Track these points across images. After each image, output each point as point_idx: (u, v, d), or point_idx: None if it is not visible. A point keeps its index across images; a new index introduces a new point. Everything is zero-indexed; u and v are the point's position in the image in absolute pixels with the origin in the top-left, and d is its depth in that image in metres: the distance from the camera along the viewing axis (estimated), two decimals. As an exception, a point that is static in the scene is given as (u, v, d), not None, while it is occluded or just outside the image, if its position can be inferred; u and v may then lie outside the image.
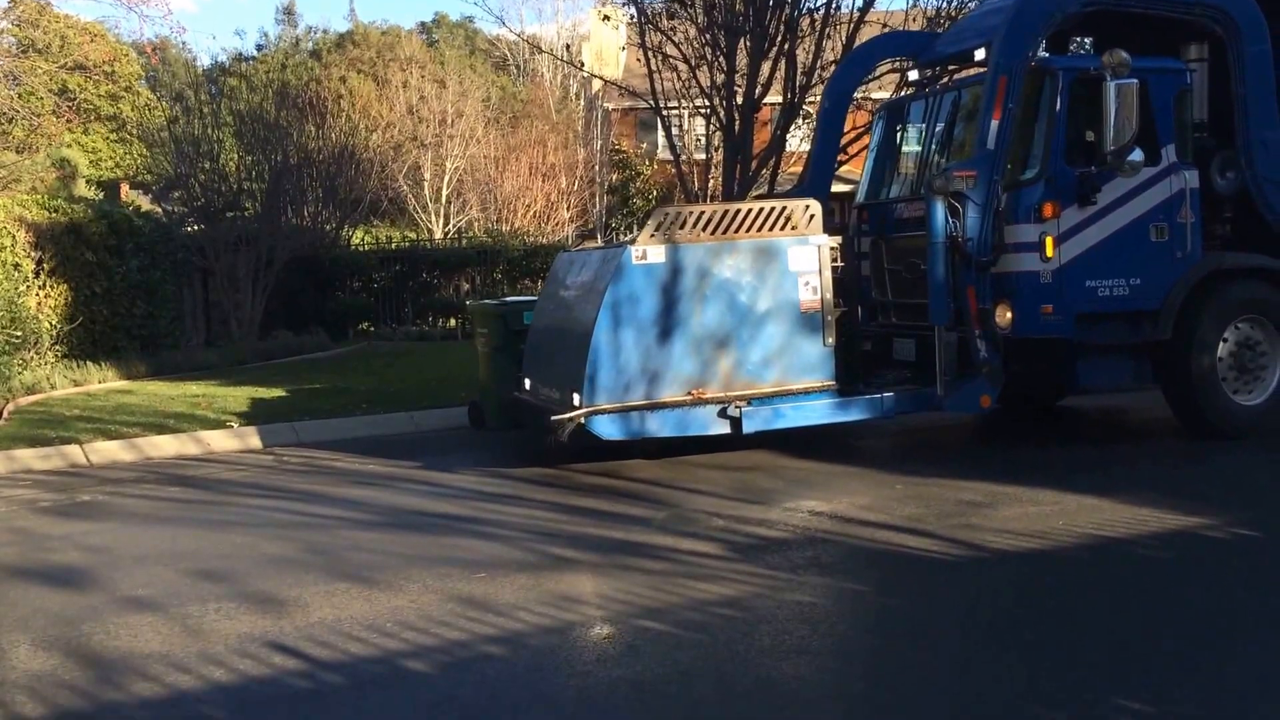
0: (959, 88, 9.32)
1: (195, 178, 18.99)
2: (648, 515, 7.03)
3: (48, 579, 6.10)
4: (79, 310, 14.88)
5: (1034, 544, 6.03)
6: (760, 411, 8.12)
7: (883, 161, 10.09)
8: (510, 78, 43.75)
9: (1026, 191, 8.42)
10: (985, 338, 8.25)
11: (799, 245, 8.33)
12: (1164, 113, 8.63)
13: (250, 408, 11.46)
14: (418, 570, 5.94)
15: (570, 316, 8.63)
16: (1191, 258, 8.65)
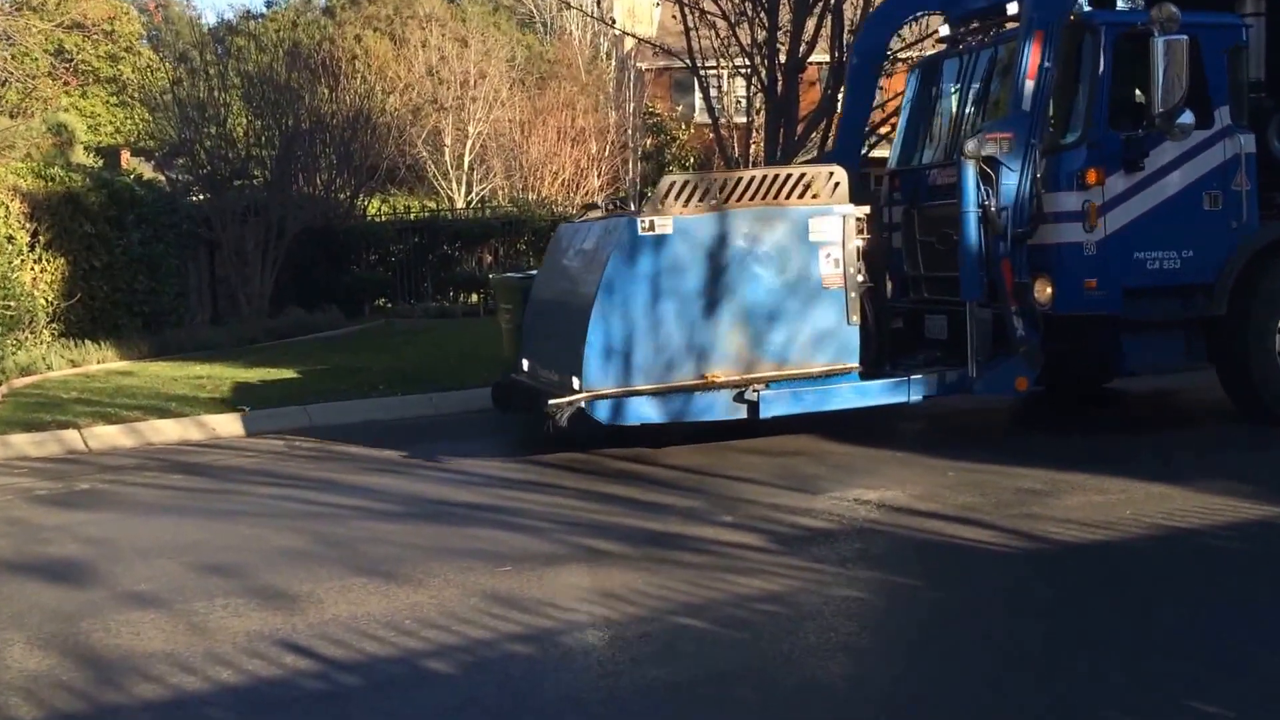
0: (996, 44, 9.20)
1: (201, 144, 19.11)
2: (685, 504, 7.02)
3: (44, 573, 6.16)
4: (77, 286, 15.04)
5: (1099, 535, 5.98)
6: (779, 395, 8.05)
7: (915, 124, 10.03)
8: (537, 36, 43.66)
9: (1068, 156, 8.34)
10: (1022, 315, 8.18)
11: (821, 215, 8.21)
12: (1217, 71, 8.54)
13: (259, 390, 11.54)
14: (439, 563, 5.96)
15: (570, 293, 8.59)
16: (1248, 227, 8.56)
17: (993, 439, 9.00)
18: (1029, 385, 8.27)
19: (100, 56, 32.93)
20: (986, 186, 8.12)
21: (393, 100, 27.78)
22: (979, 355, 8.25)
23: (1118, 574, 5.45)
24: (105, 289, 15.58)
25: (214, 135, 19.19)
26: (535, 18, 45.80)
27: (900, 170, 9.93)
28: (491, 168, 31.20)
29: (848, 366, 8.26)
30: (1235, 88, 8.62)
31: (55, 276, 14.85)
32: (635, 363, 7.96)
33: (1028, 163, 8.15)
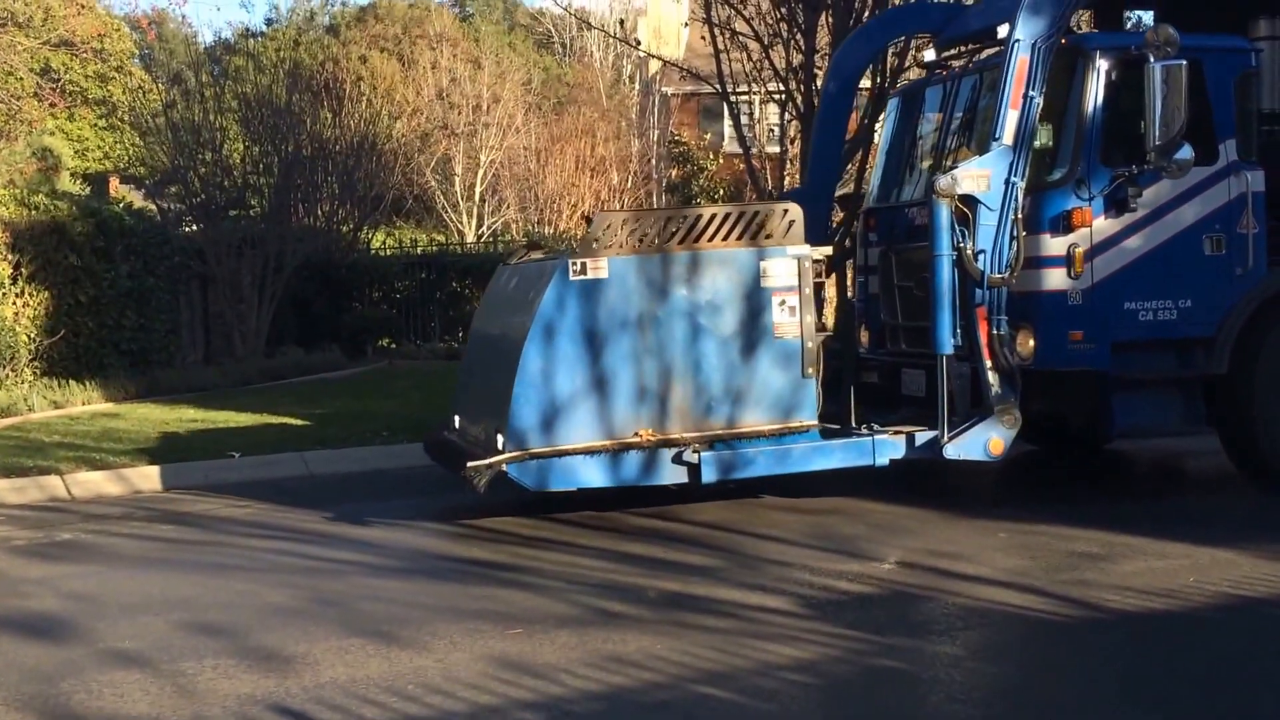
0: (980, 70, 9.02)
1: (195, 171, 19.36)
2: (709, 564, 7.06)
3: (23, 629, 6.23)
4: (61, 322, 15.23)
5: (1160, 604, 5.98)
6: (723, 457, 7.87)
7: (895, 157, 9.86)
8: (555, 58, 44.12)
9: (1052, 195, 8.21)
10: (998, 370, 7.97)
11: (774, 257, 8.05)
12: (1223, 101, 8.38)
13: (254, 435, 11.64)
14: (444, 624, 6.01)
15: (497, 342, 8.51)
16: (1254, 275, 8.38)
17: (1046, 496, 8.98)
18: (1005, 449, 7.97)
19: (89, 76, 33.45)
20: (962, 228, 7.96)
21: (400, 125, 28.10)
22: (953, 414, 8.02)
23: (1180, 647, 5.44)
24: (91, 325, 15.75)
25: (209, 162, 19.43)
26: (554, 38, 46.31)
27: (877, 208, 9.79)
28: (504, 199, 31.46)
29: (804, 424, 8.08)
30: (1243, 119, 8.46)
31: (38, 311, 15.04)
32: (565, 420, 7.80)
33: (1008, 202, 7.97)
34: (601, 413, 7.86)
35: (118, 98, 33.23)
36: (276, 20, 52.10)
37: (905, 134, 9.85)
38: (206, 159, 19.43)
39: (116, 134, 33.68)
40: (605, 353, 7.85)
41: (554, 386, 7.81)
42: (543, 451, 7.76)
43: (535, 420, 7.79)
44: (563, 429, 7.80)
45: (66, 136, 33.06)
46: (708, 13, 14.21)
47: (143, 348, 16.60)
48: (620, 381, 7.87)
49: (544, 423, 7.79)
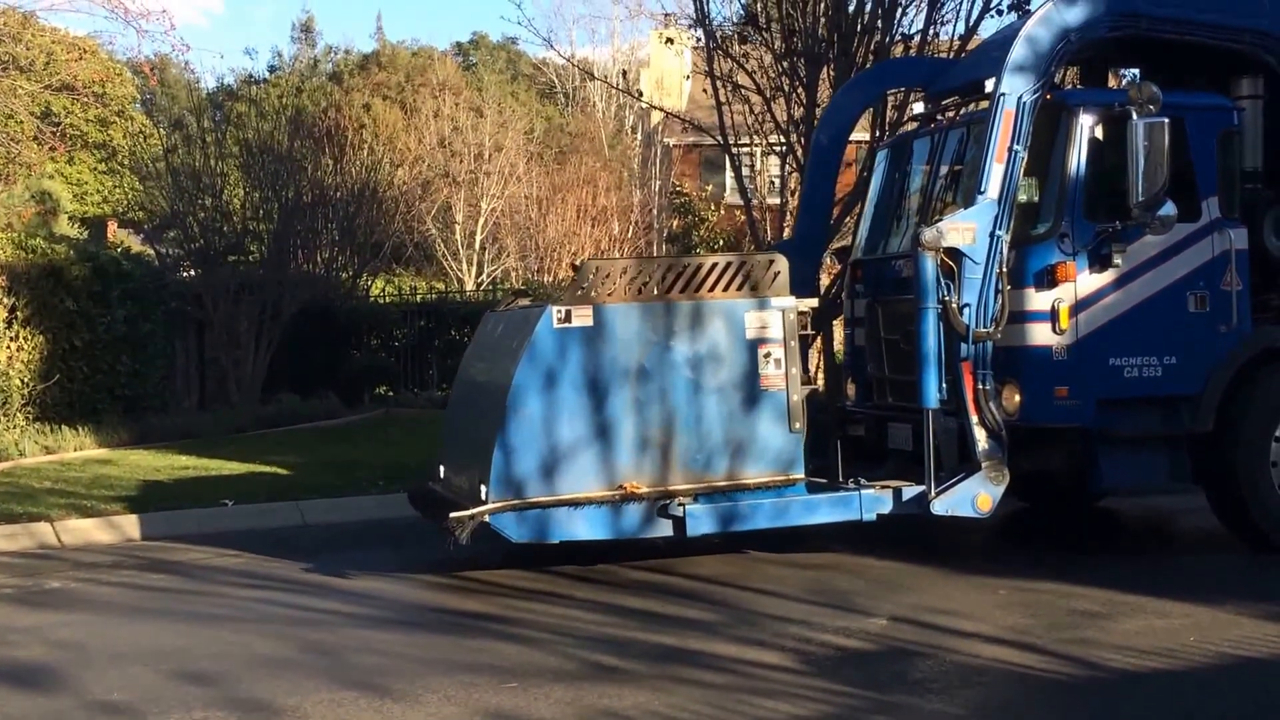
0: (968, 123, 9.04)
1: (194, 216, 19.44)
2: (706, 618, 7.05)
3: (9, 679, 6.22)
4: (55, 366, 15.24)
5: (1162, 663, 5.98)
6: (708, 510, 7.85)
7: (883, 209, 9.84)
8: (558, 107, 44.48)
9: (1037, 250, 8.24)
10: (984, 426, 7.95)
11: (759, 309, 8.08)
12: (1205, 158, 8.47)
13: (248, 483, 11.63)
14: (437, 677, 6.00)
15: (481, 391, 8.51)
16: (1239, 332, 8.42)
17: (1048, 553, 8.98)
18: (993, 505, 7.94)
19: (89, 121, 33.67)
20: (947, 281, 7.99)
21: (401, 173, 28.28)
22: (940, 469, 7.98)
23: (1180, 708, 5.43)
24: (85, 370, 15.78)
25: (209, 207, 19.51)
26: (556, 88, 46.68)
27: (864, 260, 9.76)
28: (505, 247, 31.59)
29: (790, 478, 8.06)
30: (1226, 177, 8.52)
31: (32, 355, 15.05)
32: (549, 471, 7.74)
33: (993, 255, 8.01)
34: (587, 464, 7.81)
35: (118, 142, 33.47)
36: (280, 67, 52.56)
37: (893, 186, 9.87)
38: (206, 204, 19.51)
39: (116, 178, 33.93)
40: (589, 402, 7.83)
41: (538, 436, 7.76)
42: (526, 503, 7.72)
43: (519, 471, 7.73)
44: (547, 480, 7.75)
45: (65, 180, 33.23)
46: (710, 66, 14.37)
47: (137, 393, 16.61)
48: (605, 432, 7.84)
49: (528, 473, 7.74)
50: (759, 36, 14.25)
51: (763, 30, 14.19)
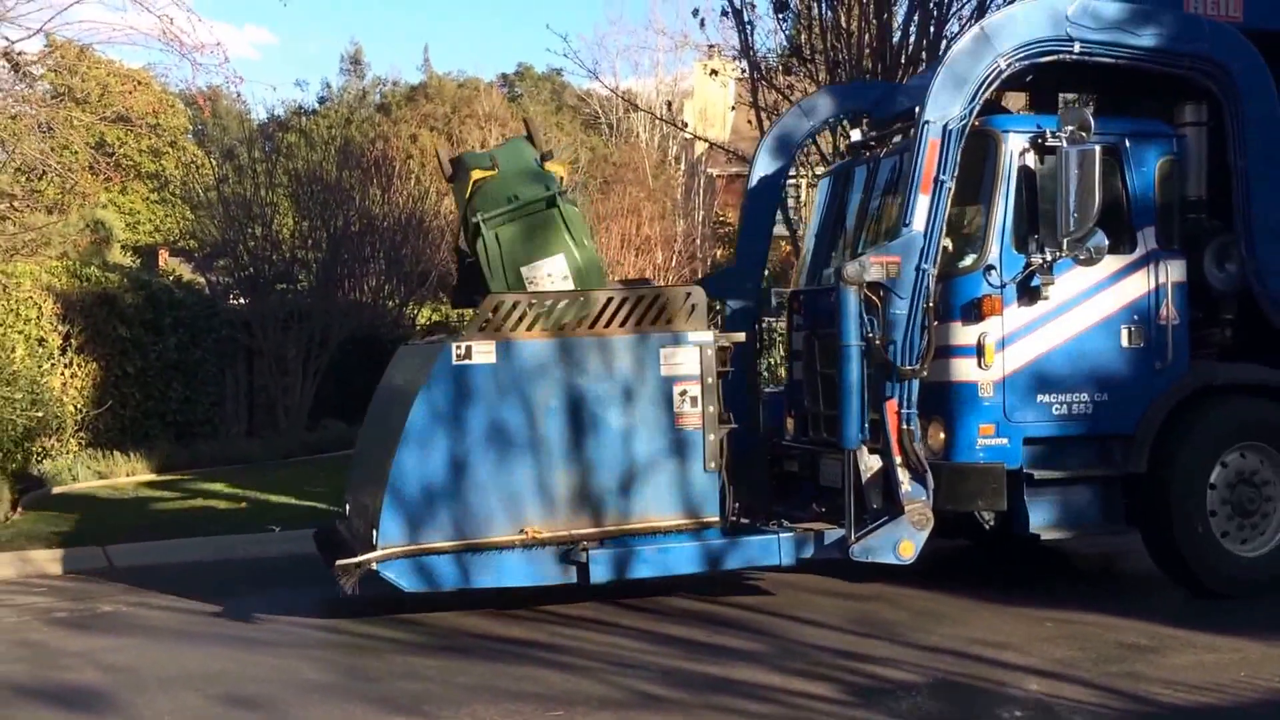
0: (900, 152, 8.59)
1: (244, 244, 19.65)
2: (750, 648, 7.03)
3: (60, 702, 6.30)
4: (108, 393, 15.45)
5: (1211, 698, 5.90)
6: (614, 555, 7.52)
7: (824, 239, 9.56)
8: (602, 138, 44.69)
9: (963, 282, 7.97)
10: (909, 466, 7.66)
11: (675, 345, 7.71)
12: (1143, 187, 8.16)
13: (296, 508, 11.73)
14: (482, 704, 6.01)
15: (379, 429, 8.15)
16: (1175, 369, 8.09)
17: (1095, 585, 8.90)
18: (915, 551, 7.60)
19: (143, 151, 34.18)
20: (872, 316, 7.73)
21: (447, 202, 28.43)
22: (862, 511, 7.69)
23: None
24: (137, 396, 16.00)
25: (258, 236, 19.71)
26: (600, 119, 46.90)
27: (803, 291, 9.48)
28: (550, 276, 31.68)
29: (704, 521, 7.69)
30: (1164, 206, 8.22)
31: (86, 382, 15.27)
32: (445, 515, 7.39)
33: (919, 289, 7.73)
34: (487, 507, 7.45)
35: (170, 172, 33.91)
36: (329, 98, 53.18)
37: (833, 215, 9.60)
38: (256, 233, 19.73)
39: (168, 207, 34.39)
40: (490, 443, 7.46)
41: (433, 478, 7.40)
42: (419, 549, 7.33)
43: (412, 514, 7.36)
44: (443, 525, 7.39)
45: (119, 209, 33.72)
46: (754, 97, 14.42)
47: (188, 419, 16.83)
48: (506, 474, 7.48)
49: (422, 517, 7.37)
50: (803, 68, 14.31)
51: (807, 62, 14.25)
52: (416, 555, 7.33)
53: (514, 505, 7.48)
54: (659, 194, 34.52)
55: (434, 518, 7.39)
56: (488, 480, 7.46)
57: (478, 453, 7.45)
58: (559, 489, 7.54)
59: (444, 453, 7.42)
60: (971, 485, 7.87)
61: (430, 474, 7.40)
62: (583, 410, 7.59)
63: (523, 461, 7.50)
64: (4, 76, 13.65)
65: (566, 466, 7.55)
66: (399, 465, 7.35)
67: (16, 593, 9.05)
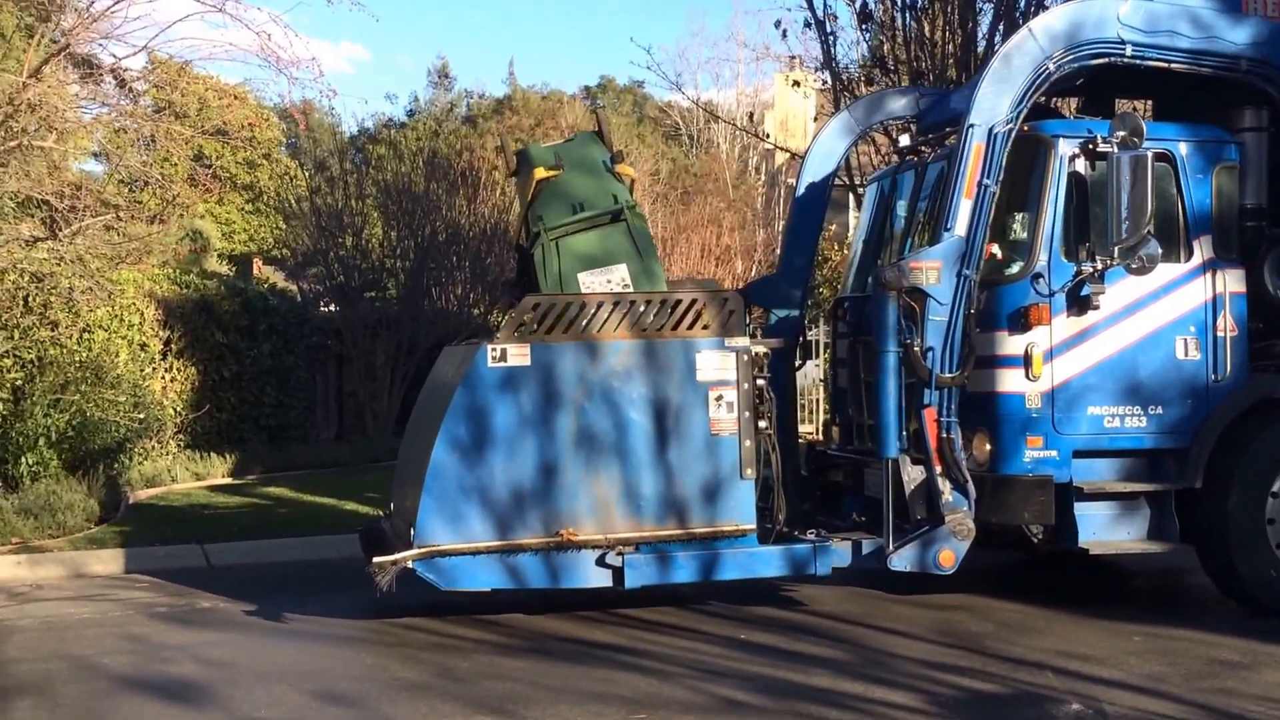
0: (947, 157, 8.35)
1: (334, 253, 19.99)
2: (832, 656, 6.97)
3: (163, 693, 6.42)
4: (205, 396, 15.76)
5: (1309, 717, 5.75)
6: (649, 560, 7.45)
7: (871, 246, 9.38)
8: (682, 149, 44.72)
9: (1009, 290, 7.76)
10: (949, 476, 7.51)
11: (710, 350, 7.60)
12: (1199, 195, 7.95)
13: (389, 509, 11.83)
14: (568, 706, 6.03)
15: (420, 430, 8.11)
16: (1232, 382, 7.84)
17: (1184, 599, 8.70)
18: (956, 562, 7.46)
19: (238, 163, 34.84)
20: (910, 322, 7.57)
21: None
22: (902, 521, 7.57)
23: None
24: (233, 400, 16.31)
25: (348, 245, 20.03)
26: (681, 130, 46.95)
27: (847, 298, 9.35)
28: (631, 285, 31.73)
29: (739, 528, 7.59)
30: (1222, 214, 7.99)
31: (184, 386, 15.60)
32: (480, 516, 7.36)
33: (960, 296, 7.55)
34: (521, 509, 7.40)
35: (264, 183, 34.54)
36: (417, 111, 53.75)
37: (879, 221, 9.43)
38: (346, 243, 20.04)
39: (262, 217, 35.02)
40: (526, 445, 7.42)
41: (468, 480, 7.37)
42: (455, 549, 7.31)
43: (447, 515, 7.34)
44: (478, 525, 7.36)
45: (215, 219, 34.37)
46: (836, 107, 14.28)
47: (280, 423, 17.10)
48: (541, 476, 7.42)
49: (457, 518, 7.34)
50: (886, 79, 14.15)
51: (890, 72, 14.09)
52: (452, 555, 7.34)
53: (549, 507, 7.44)
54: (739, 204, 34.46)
55: (469, 518, 7.38)
56: (522, 482, 7.43)
57: (512, 454, 7.42)
58: (594, 492, 7.49)
59: (479, 454, 7.41)
60: (1018, 498, 7.66)
61: (465, 475, 7.40)
62: (618, 415, 7.52)
63: (557, 464, 7.46)
64: (110, 92, 13.97)
65: (601, 470, 7.50)
66: (434, 466, 7.37)
67: (120, 588, 9.26)
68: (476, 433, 7.43)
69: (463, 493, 7.39)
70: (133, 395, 13.73)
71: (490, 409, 7.44)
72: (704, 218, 31.92)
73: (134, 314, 14.70)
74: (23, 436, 12.42)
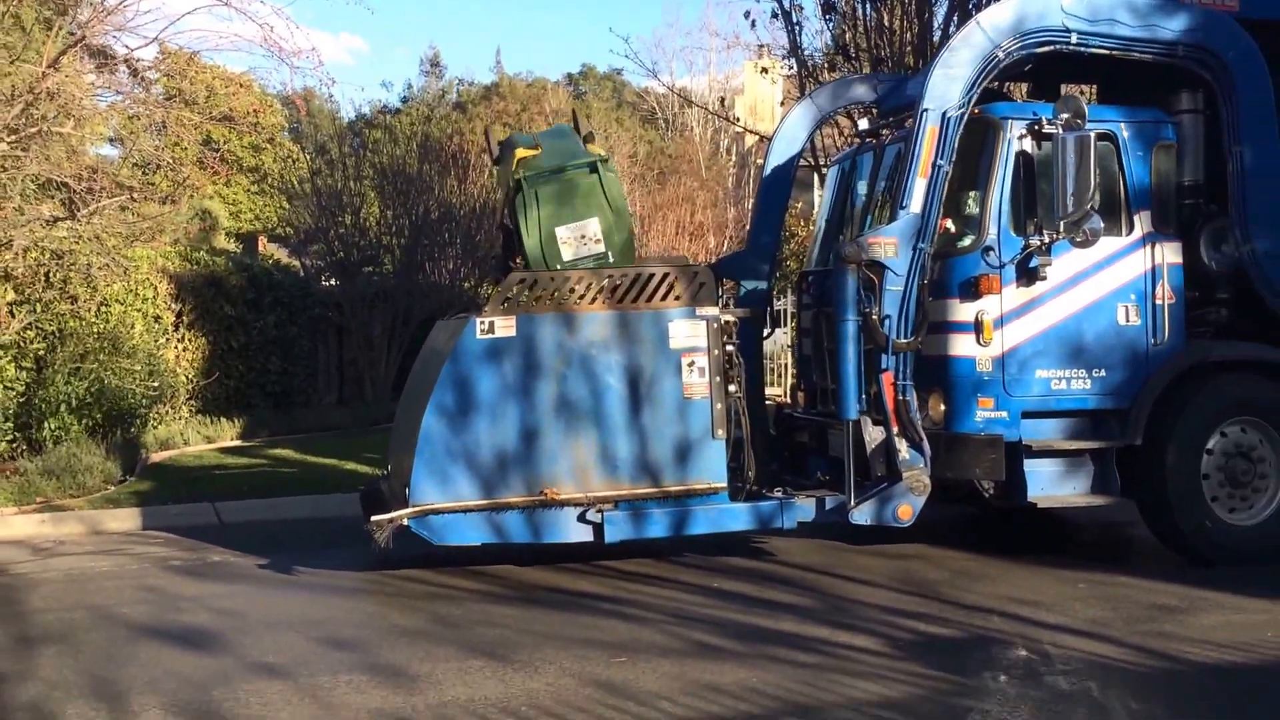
0: (904, 139, 8.32)
1: (334, 231, 19.85)
2: (799, 603, 6.97)
3: (180, 641, 6.38)
4: (215, 364, 15.66)
5: (1237, 657, 5.77)
6: (627, 517, 7.47)
7: (833, 223, 9.39)
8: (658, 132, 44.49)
9: (962, 262, 7.76)
10: (906, 436, 7.53)
11: (684, 319, 7.62)
12: (1139, 172, 7.97)
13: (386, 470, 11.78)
14: (554, 650, 6.01)
15: (414, 397, 8.14)
16: (1170, 347, 7.87)
17: (1125, 550, 8.73)
18: (913, 515, 7.49)
19: (244, 147, 34.51)
20: (870, 294, 7.56)
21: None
22: (863, 478, 7.59)
23: (1262, 700, 5.24)
24: (241, 368, 16.21)
25: (347, 224, 19.90)
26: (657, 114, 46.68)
27: (811, 272, 9.36)
28: (611, 260, 31.62)
29: (711, 486, 7.60)
30: (1160, 191, 8.01)
31: (196, 355, 15.51)
32: (470, 477, 7.38)
33: (915, 268, 7.56)
34: (506, 470, 7.42)
35: (268, 166, 34.24)
36: (411, 98, 53.30)
37: (841, 199, 9.43)
38: (345, 221, 19.90)
39: (266, 198, 34.73)
40: (511, 410, 7.44)
41: (458, 443, 7.39)
42: (445, 507, 7.36)
43: (439, 477, 7.38)
44: (467, 486, 7.39)
45: (223, 200, 34.07)
46: (802, 92, 14.23)
47: (285, 390, 17.01)
48: (526, 439, 7.44)
49: (447, 479, 7.38)
50: (848, 65, 14.09)
51: (851, 60, 14.03)
52: (443, 513, 7.38)
53: (532, 468, 7.46)
54: (711, 184, 34.31)
55: (459, 479, 7.40)
56: (508, 445, 7.44)
57: (499, 419, 7.44)
58: (576, 454, 7.50)
59: (468, 419, 7.42)
60: (971, 455, 7.69)
61: (456, 438, 7.41)
62: (596, 381, 7.54)
63: (541, 428, 7.47)
64: (124, 81, 13.88)
65: (582, 433, 7.51)
66: (427, 430, 7.39)
67: (136, 543, 9.20)
68: (465, 399, 7.45)
69: (452, 456, 7.41)
70: (147, 364, 13.66)
71: (478, 378, 7.46)
72: (679, 197, 31.79)
73: (148, 288, 14.57)
74: (45, 403, 12.37)
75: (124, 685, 5.56)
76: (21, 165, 11.48)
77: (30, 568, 8.35)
